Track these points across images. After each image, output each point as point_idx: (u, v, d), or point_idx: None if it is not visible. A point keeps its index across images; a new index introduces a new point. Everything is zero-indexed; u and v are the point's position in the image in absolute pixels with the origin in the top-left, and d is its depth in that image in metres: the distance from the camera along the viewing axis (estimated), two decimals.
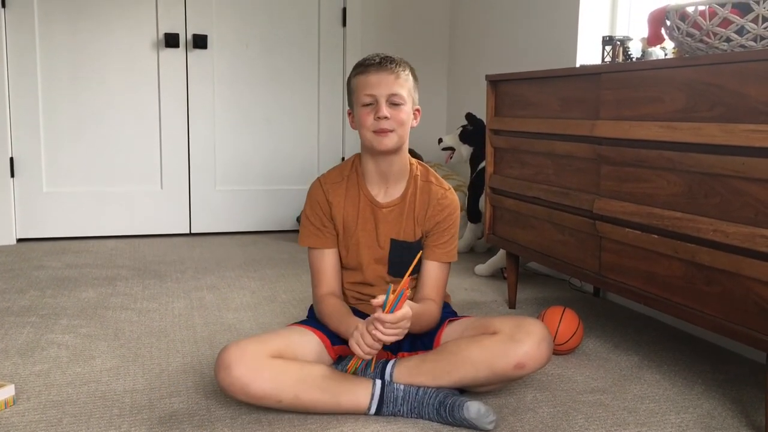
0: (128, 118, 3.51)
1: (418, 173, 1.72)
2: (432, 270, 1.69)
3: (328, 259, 1.71)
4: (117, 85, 3.47)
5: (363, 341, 1.46)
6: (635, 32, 2.61)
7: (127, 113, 3.50)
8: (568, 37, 2.77)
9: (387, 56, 1.64)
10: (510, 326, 1.53)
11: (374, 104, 1.61)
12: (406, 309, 1.47)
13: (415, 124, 1.69)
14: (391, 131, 1.61)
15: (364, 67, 1.63)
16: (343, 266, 1.73)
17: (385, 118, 1.59)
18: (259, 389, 1.45)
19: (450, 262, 1.72)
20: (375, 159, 1.68)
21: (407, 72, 1.65)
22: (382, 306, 1.46)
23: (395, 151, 1.65)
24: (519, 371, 1.50)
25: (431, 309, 1.65)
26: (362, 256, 1.70)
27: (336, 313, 1.62)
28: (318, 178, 1.74)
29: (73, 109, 3.42)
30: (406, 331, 1.49)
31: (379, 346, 1.47)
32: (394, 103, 1.61)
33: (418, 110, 1.70)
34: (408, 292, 1.50)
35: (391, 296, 1.46)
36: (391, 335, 1.46)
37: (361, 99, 1.62)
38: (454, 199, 1.72)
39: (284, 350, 1.54)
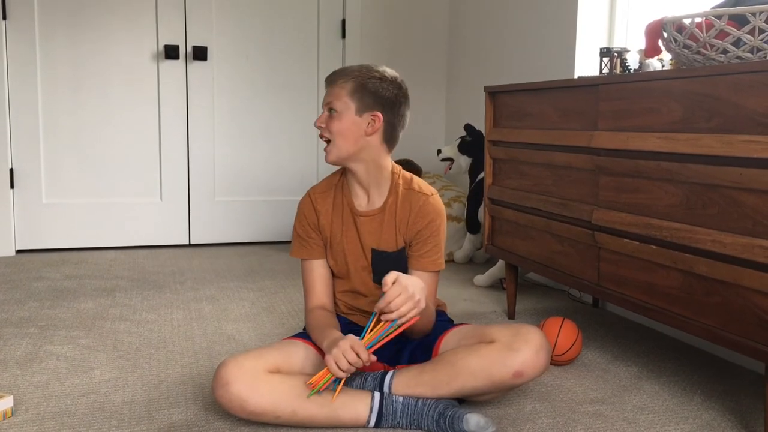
0: (128, 130, 3.52)
1: (401, 181, 1.70)
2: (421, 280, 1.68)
3: (317, 271, 1.72)
4: (117, 97, 3.48)
5: (343, 357, 1.44)
6: (633, 44, 2.62)
7: (127, 125, 3.51)
8: (566, 49, 2.78)
9: (345, 67, 1.67)
10: (507, 334, 1.53)
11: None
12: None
13: (370, 130, 1.63)
14: (329, 141, 1.64)
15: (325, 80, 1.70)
16: (335, 275, 1.75)
17: (320, 127, 1.64)
18: (257, 406, 1.45)
19: (438, 271, 1.70)
20: (348, 170, 1.70)
21: (347, 80, 1.63)
22: (361, 333, 1.49)
23: (348, 161, 1.66)
24: (517, 379, 1.50)
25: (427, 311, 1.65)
26: (349, 263, 1.71)
27: (320, 326, 1.61)
28: (308, 190, 1.77)
29: (73, 120, 3.43)
30: (415, 308, 1.46)
31: (354, 369, 1.45)
32: (330, 109, 1.64)
33: (374, 116, 1.63)
34: (391, 337, 1.49)
35: (369, 332, 1.48)
36: (401, 312, 1.45)
37: None
38: (436, 206, 1.69)
39: (282, 365, 1.53)
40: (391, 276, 1.46)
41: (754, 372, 1.92)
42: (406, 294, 1.45)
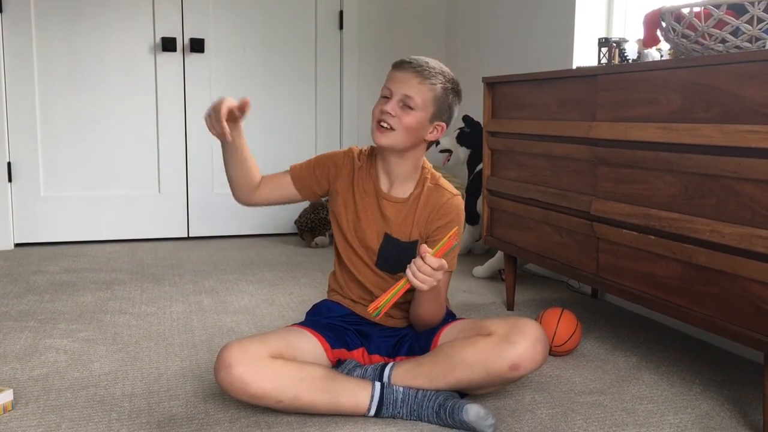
0: (126, 123, 3.51)
1: (429, 176, 1.70)
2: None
3: (282, 178, 1.72)
4: (114, 90, 3.47)
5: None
6: (631, 34, 2.62)
7: (124, 117, 3.51)
8: (564, 39, 2.78)
9: (425, 62, 1.62)
10: (504, 327, 1.53)
11: (388, 98, 1.60)
12: (443, 260, 1.46)
13: (431, 137, 1.64)
14: (392, 130, 1.59)
15: (400, 62, 1.63)
16: (342, 256, 1.72)
17: (389, 114, 1.58)
18: (259, 388, 1.45)
19: (451, 271, 1.68)
20: (382, 154, 1.68)
21: (435, 82, 1.60)
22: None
23: (395, 151, 1.63)
24: (514, 372, 1.50)
25: (439, 301, 1.65)
26: (369, 240, 1.68)
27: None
28: (352, 147, 1.74)
29: (70, 113, 3.42)
30: (435, 282, 1.46)
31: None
32: (405, 105, 1.59)
33: (439, 125, 1.64)
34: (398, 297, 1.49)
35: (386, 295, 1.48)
36: (424, 278, 1.45)
37: (382, 91, 1.62)
38: (458, 207, 1.68)
39: (284, 351, 1.54)
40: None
41: (753, 361, 1.93)
42: (442, 269, 1.46)
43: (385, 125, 1.59)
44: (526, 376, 1.61)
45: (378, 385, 1.52)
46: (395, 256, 1.67)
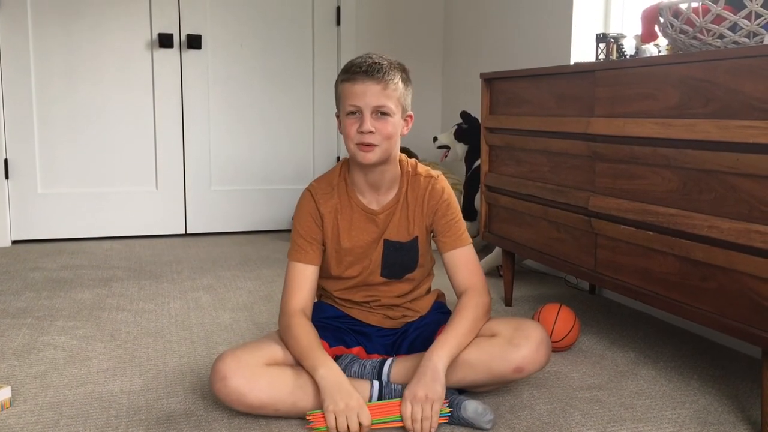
0: (123, 119, 3.50)
1: (409, 169, 1.67)
2: (455, 258, 1.66)
3: (310, 275, 1.63)
4: (111, 86, 3.47)
5: (345, 420, 1.38)
6: (629, 29, 2.61)
7: (121, 114, 3.50)
8: (562, 35, 2.77)
9: (375, 62, 1.54)
10: (509, 329, 1.53)
11: (359, 114, 1.53)
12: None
13: (405, 131, 1.61)
14: (375, 145, 1.53)
15: (350, 73, 1.54)
16: (334, 276, 1.68)
17: (369, 132, 1.51)
18: (256, 399, 1.44)
19: (470, 244, 1.68)
20: (363, 170, 1.61)
21: (396, 80, 1.55)
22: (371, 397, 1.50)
23: (382, 163, 1.58)
24: (517, 374, 1.51)
25: (473, 307, 1.60)
26: (360, 262, 1.66)
27: (305, 340, 1.52)
28: (307, 188, 1.67)
29: (67, 109, 3.42)
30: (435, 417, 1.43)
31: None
32: (381, 112, 1.53)
33: (410, 116, 1.62)
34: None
35: (381, 405, 1.46)
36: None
37: (346, 108, 1.54)
38: (443, 185, 1.67)
39: (280, 356, 1.52)
40: (407, 410, 1.42)
41: (751, 357, 1.93)
42: (426, 421, 1.42)
43: (366, 144, 1.53)
44: (528, 377, 1.61)
45: (376, 384, 1.51)
46: (399, 259, 1.66)
